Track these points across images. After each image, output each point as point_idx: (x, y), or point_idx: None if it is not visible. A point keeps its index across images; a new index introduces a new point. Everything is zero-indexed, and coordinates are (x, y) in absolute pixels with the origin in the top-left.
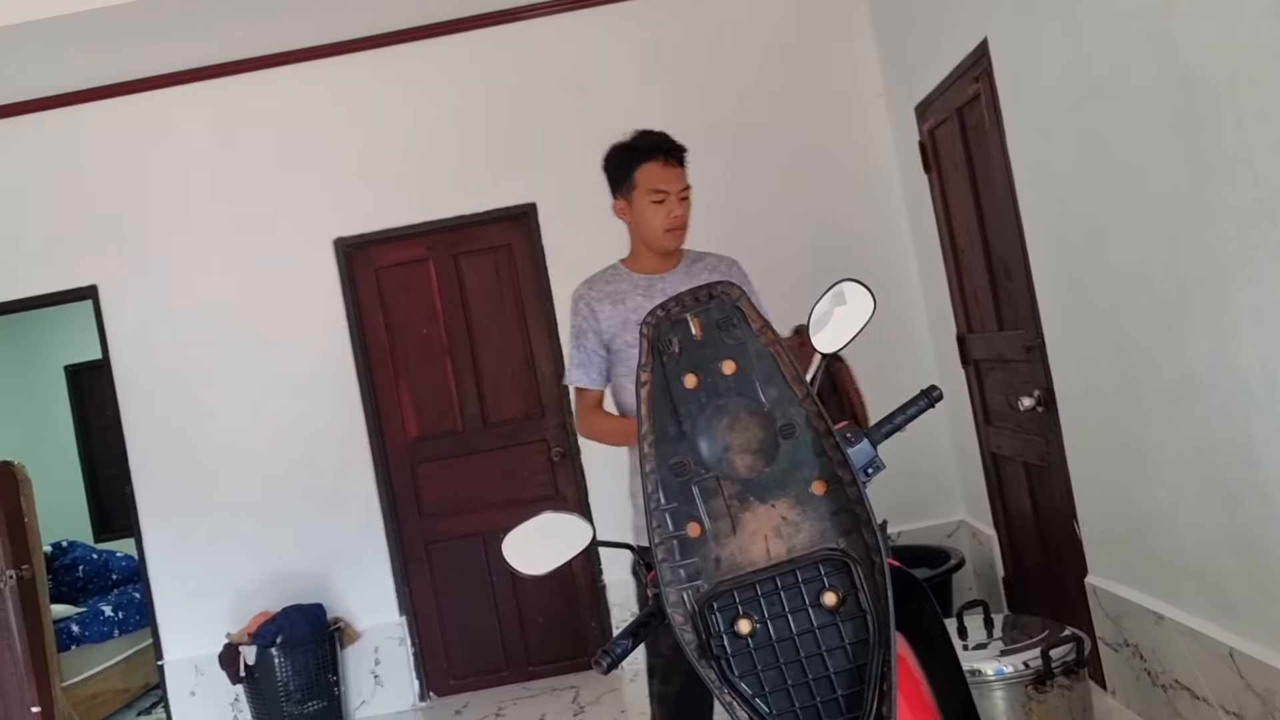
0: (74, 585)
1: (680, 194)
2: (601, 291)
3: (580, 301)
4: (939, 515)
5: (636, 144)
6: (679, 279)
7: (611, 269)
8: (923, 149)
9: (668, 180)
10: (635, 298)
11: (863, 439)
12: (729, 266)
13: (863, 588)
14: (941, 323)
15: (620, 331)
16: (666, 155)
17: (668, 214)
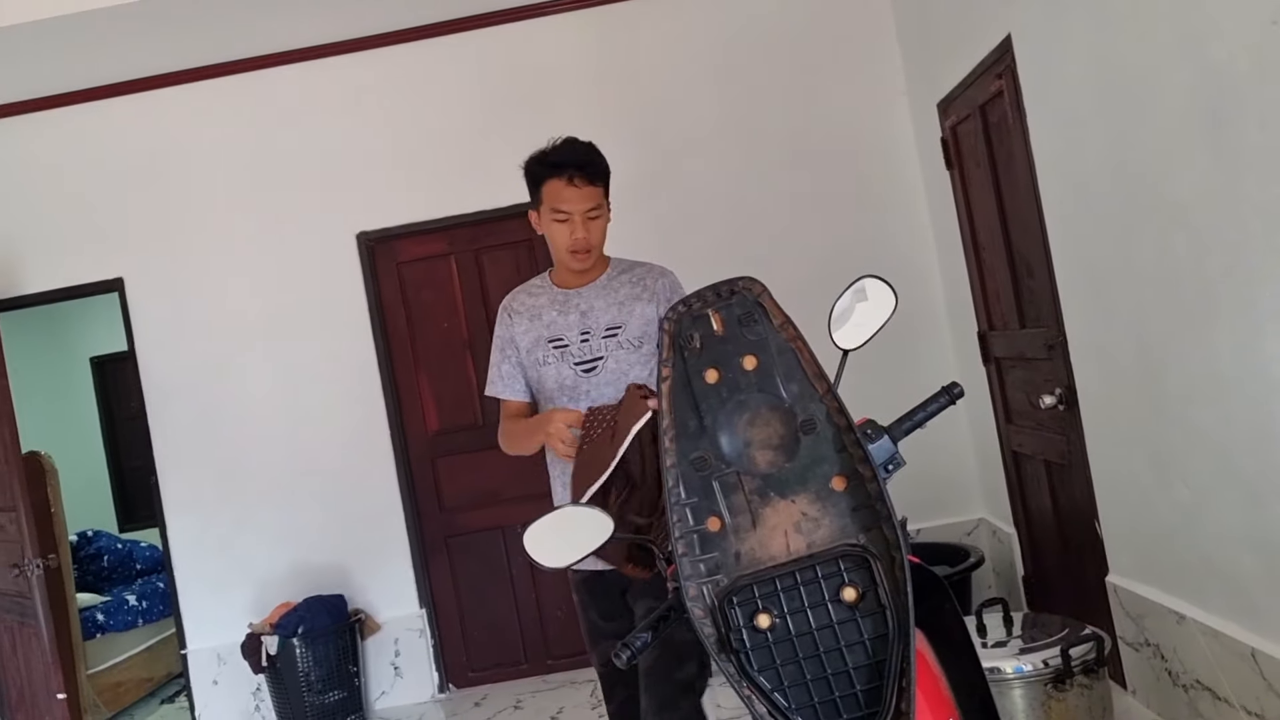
0: (99, 575)
1: (587, 214)
2: (523, 304)
3: (504, 312)
4: (958, 513)
5: (545, 157)
6: (596, 294)
7: (539, 279)
8: (945, 146)
9: (571, 200)
10: (550, 313)
11: (883, 435)
12: (656, 279)
13: (883, 584)
14: (962, 320)
15: (533, 348)
16: (573, 174)
17: (569, 234)
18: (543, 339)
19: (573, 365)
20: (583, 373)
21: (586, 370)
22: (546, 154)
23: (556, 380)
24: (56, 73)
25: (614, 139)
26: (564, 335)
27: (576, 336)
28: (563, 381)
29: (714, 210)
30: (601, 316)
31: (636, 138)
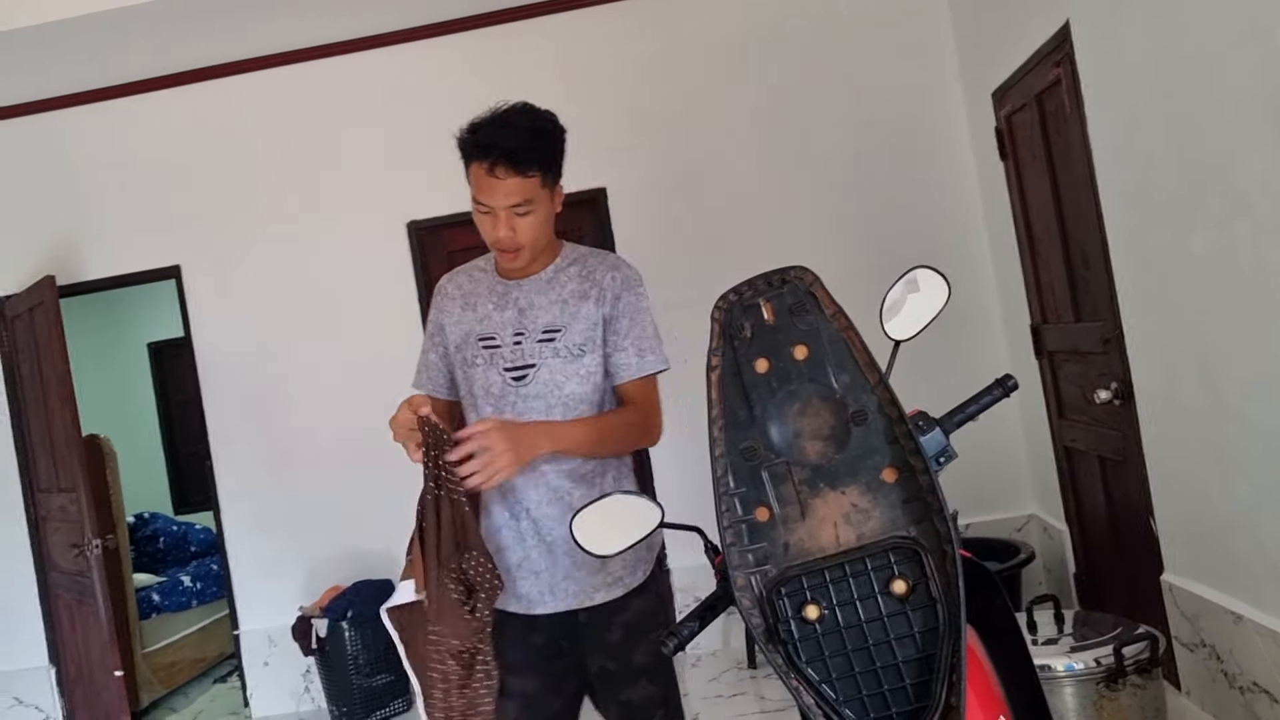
0: (154, 556)
1: (513, 210)
2: (460, 288)
3: (438, 293)
4: (1009, 509)
5: (473, 132)
6: (537, 290)
7: (483, 261)
8: (999, 135)
9: (490, 192)
10: (486, 305)
11: (935, 427)
12: (608, 273)
13: (933, 577)
14: (1015, 313)
15: (463, 344)
16: (496, 162)
17: (492, 230)
18: (473, 335)
19: (502, 371)
20: (512, 380)
21: (516, 378)
22: (477, 127)
23: (484, 385)
24: (117, 65)
25: (657, 129)
26: (497, 334)
27: (510, 337)
28: (490, 388)
29: (760, 201)
30: (540, 316)
31: (680, 128)
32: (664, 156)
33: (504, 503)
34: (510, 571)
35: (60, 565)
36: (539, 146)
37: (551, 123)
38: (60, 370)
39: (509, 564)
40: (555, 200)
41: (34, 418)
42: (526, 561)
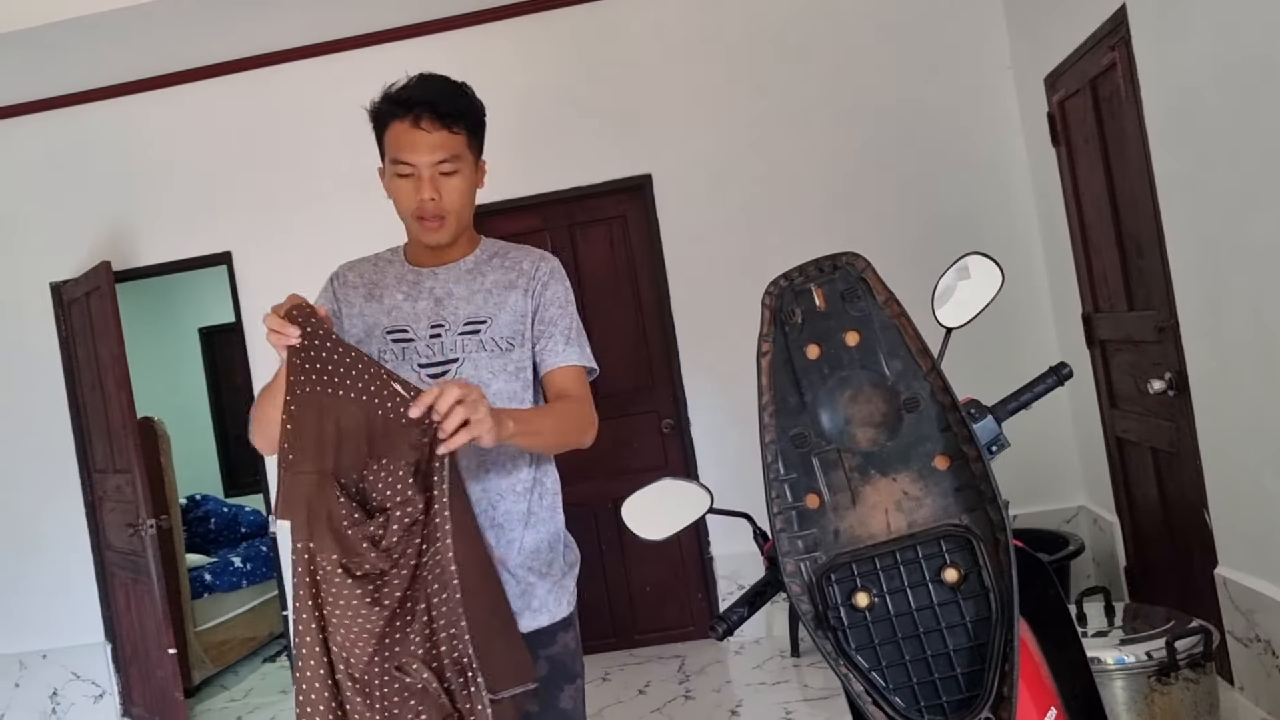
0: (205, 536)
1: (438, 168)
2: (362, 276)
3: (333, 282)
4: (1058, 500)
5: (390, 95)
6: (456, 278)
7: (389, 252)
8: (1051, 121)
9: (415, 148)
10: (394, 295)
11: (987, 415)
12: (536, 263)
13: (986, 566)
14: (1066, 302)
15: (366, 339)
16: (420, 113)
17: (415, 195)
18: (379, 328)
19: (416, 367)
20: (429, 378)
21: (435, 375)
22: (394, 88)
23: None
24: (172, 53)
25: (704, 115)
26: (409, 326)
27: (425, 330)
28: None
29: (810, 188)
30: (461, 307)
31: (727, 113)
32: (711, 142)
33: None
34: None
35: (116, 545)
36: (463, 102)
37: (470, 89)
38: (116, 354)
39: None
40: (479, 174)
41: (90, 400)
42: None
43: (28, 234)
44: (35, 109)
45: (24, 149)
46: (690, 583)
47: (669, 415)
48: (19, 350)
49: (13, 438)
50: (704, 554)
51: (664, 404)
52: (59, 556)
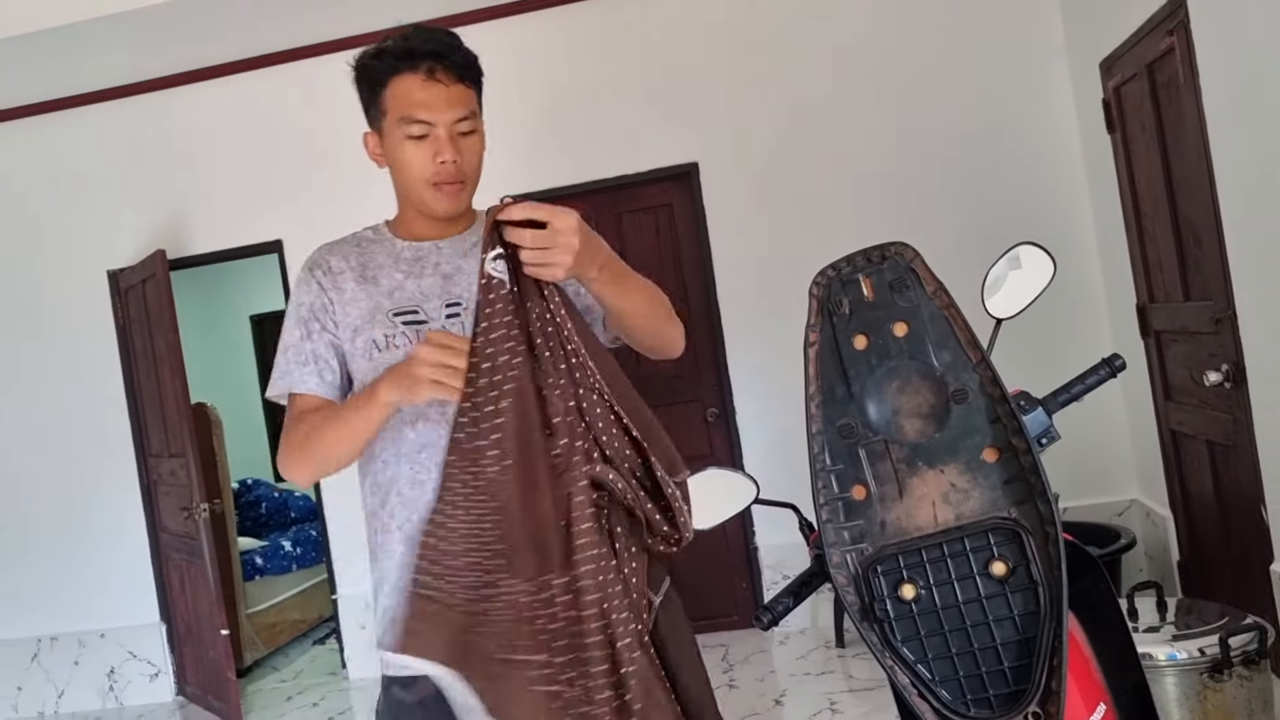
0: (256, 520)
1: (456, 126)
2: (348, 260)
3: (313, 270)
4: (1110, 493)
5: (387, 48)
6: (459, 252)
7: (369, 230)
8: (1106, 108)
9: (432, 105)
10: (393, 275)
11: (1037, 407)
12: None
13: (1035, 559)
14: (1120, 292)
15: (366, 325)
16: (433, 65)
17: (432, 156)
18: (382, 311)
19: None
20: None
21: None
22: (387, 45)
23: None
24: (223, 44)
25: (754, 101)
26: (419, 306)
27: (439, 309)
28: None
29: (857, 176)
30: (474, 282)
31: (776, 100)
32: (757, 130)
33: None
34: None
35: (170, 528)
36: (470, 53)
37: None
38: (171, 341)
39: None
40: (485, 135)
41: (146, 386)
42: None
43: (86, 224)
44: (91, 100)
45: (81, 141)
46: (735, 572)
47: (714, 404)
48: (78, 337)
49: (72, 422)
50: (749, 544)
51: (709, 393)
52: (116, 539)
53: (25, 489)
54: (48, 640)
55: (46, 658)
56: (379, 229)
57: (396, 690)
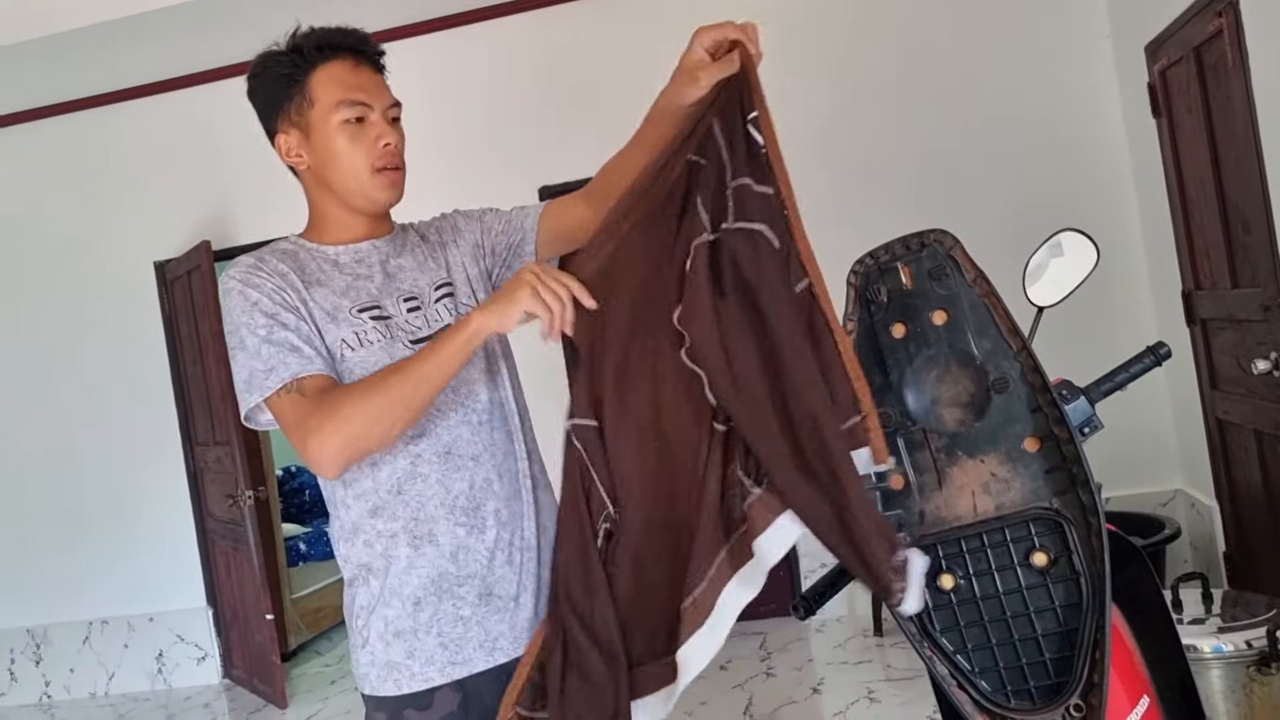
0: (300, 507)
1: (390, 111)
2: (285, 264)
3: (255, 275)
4: (1153, 483)
5: (298, 45)
6: (394, 251)
7: (286, 242)
8: (1152, 92)
9: (367, 86)
10: (339, 278)
11: (1080, 396)
12: (440, 218)
13: (1077, 550)
14: (1165, 279)
15: (330, 325)
16: (354, 55)
17: (374, 140)
18: (343, 310)
19: (409, 344)
20: None
21: None
22: (299, 40)
23: None
24: (265, 37)
25: (788, 88)
26: (380, 303)
27: (398, 304)
28: None
29: (895, 162)
30: (419, 277)
31: (812, 87)
32: (792, 119)
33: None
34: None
35: (216, 514)
36: (382, 50)
37: None
38: (215, 330)
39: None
40: None
41: (192, 375)
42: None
43: (133, 215)
44: (137, 95)
45: (127, 134)
46: None
47: None
48: (127, 327)
49: (121, 411)
50: None
51: None
52: (164, 525)
53: (79, 477)
54: (99, 623)
55: (98, 640)
56: (296, 241)
57: (411, 714)
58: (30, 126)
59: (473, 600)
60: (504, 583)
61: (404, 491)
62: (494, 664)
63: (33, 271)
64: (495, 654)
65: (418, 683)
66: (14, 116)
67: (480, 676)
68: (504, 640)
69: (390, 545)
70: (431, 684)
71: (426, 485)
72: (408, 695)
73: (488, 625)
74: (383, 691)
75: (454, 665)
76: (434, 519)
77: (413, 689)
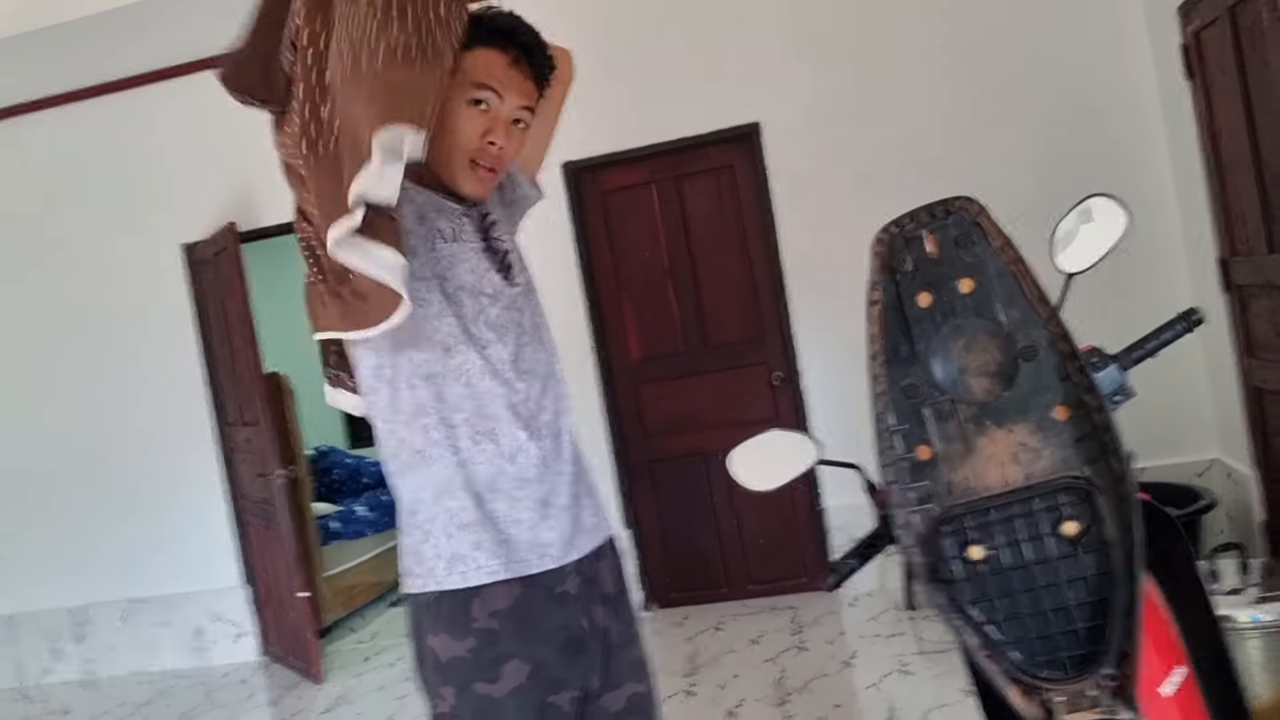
0: (331, 487)
1: (516, 113)
2: None
3: None
4: (1189, 452)
5: (487, 17)
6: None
7: None
8: (1185, 53)
9: (507, 83)
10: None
11: (1110, 364)
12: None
13: (1108, 519)
14: (1199, 244)
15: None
16: (520, 56)
17: (483, 132)
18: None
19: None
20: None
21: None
22: (488, 16)
23: (473, 271)
24: None
25: (816, 57)
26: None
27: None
28: (482, 278)
29: (923, 130)
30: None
31: (840, 55)
32: (821, 87)
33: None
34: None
35: (249, 494)
36: (551, 64)
37: None
38: (242, 311)
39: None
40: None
41: (221, 357)
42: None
43: (161, 199)
44: (165, 77)
45: (153, 119)
46: (802, 534)
47: (779, 368)
48: (156, 310)
49: (154, 393)
50: (816, 506)
51: (774, 356)
52: (199, 505)
53: (115, 459)
54: (138, 603)
55: (137, 619)
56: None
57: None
58: (60, 111)
59: (528, 504)
60: (558, 493)
61: (472, 385)
62: (543, 569)
63: (65, 255)
64: (544, 559)
65: (483, 575)
66: (45, 101)
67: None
68: (553, 549)
69: (450, 435)
70: (496, 577)
71: (495, 384)
72: (474, 588)
73: (540, 532)
74: (449, 585)
75: (514, 563)
76: (496, 418)
77: (479, 581)
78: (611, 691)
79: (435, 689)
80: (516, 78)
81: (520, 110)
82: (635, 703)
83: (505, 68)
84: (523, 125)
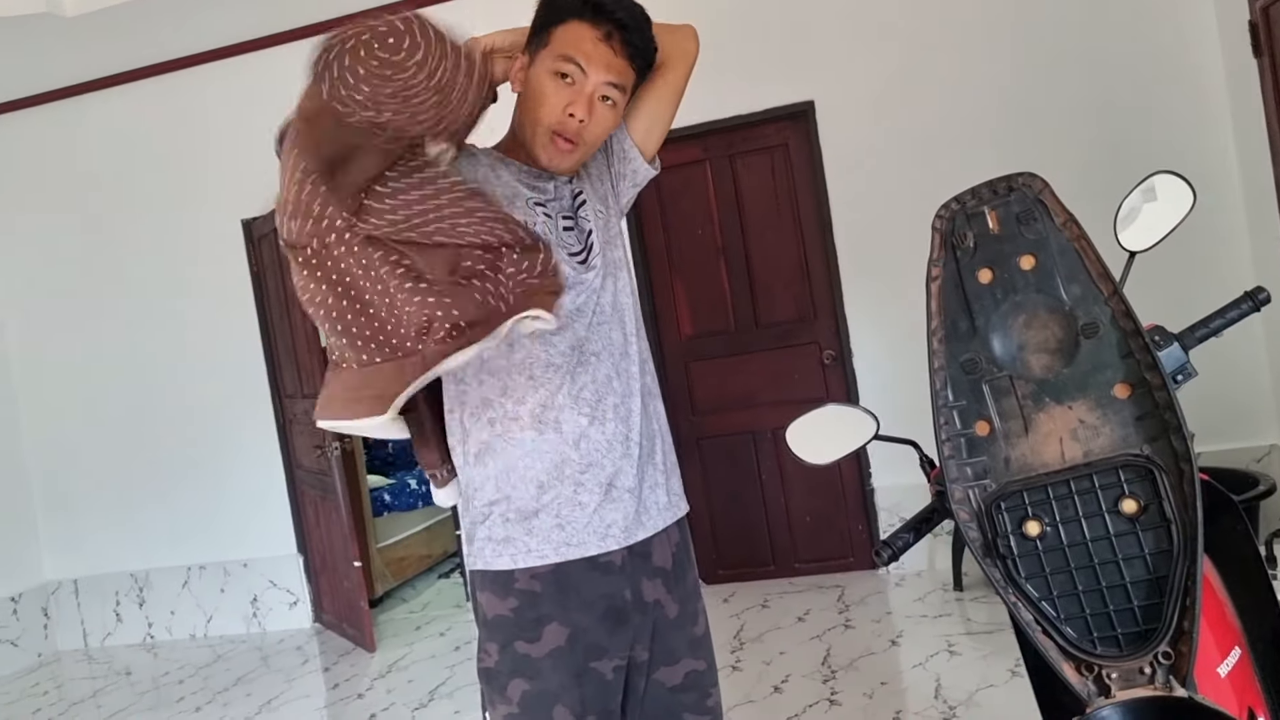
0: (384, 460)
1: (601, 92)
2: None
3: None
4: (1249, 437)
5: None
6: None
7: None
8: (1253, 30)
9: (593, 56)
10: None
11: (1173, 342)
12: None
13: (1168, 497)
14: (1264, 225)
15: (505, 204)
16: (613, 30)
17: (565, 104)
18: (521, 197)
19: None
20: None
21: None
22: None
23: None
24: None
25: (872, 35)
26: (546, 202)
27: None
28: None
29: (980, 108)
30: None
31: (896, 33)
32: (876, 65)
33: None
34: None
35: (305, 465)
36: (652, 40)
37: None
38: None
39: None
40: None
41: (280, 329)
42: (619, 477)
43: (221, 175)
44: (225, 55)
45: (213, 94)
46: (850, 514)
47: (831, 347)
48: (217, 284)
49: (214, 365)
50: (865, 485)
51: (826, 336)
52: (256, 475)
53: (177, 428)
54: (197, 569)
55: (196, 585)
56: (487, 150)
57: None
58: (122, 89)
59: (593, 488)
60: (623, 475)
61: (535, 378)
62: (604, 550)
63: (128, 230)
64: (607, 540)
65: (533, 558)
66: (108, 80)
67: (585, 562)
68: (615, 529)
69: (512, 428)
70: (546, 561)
71: (557, 375)
72: (522, 570)
73: (604, 513)
74: (496, 565)
75: (568, 546)
76: (560, 407)
77: (528, 564)
78: (668, 666)
79: (483, 644)
80: (606, 53)
81: (607, 87)
82: (692, 679)
83: (595, 42)
84: (610, 102)
